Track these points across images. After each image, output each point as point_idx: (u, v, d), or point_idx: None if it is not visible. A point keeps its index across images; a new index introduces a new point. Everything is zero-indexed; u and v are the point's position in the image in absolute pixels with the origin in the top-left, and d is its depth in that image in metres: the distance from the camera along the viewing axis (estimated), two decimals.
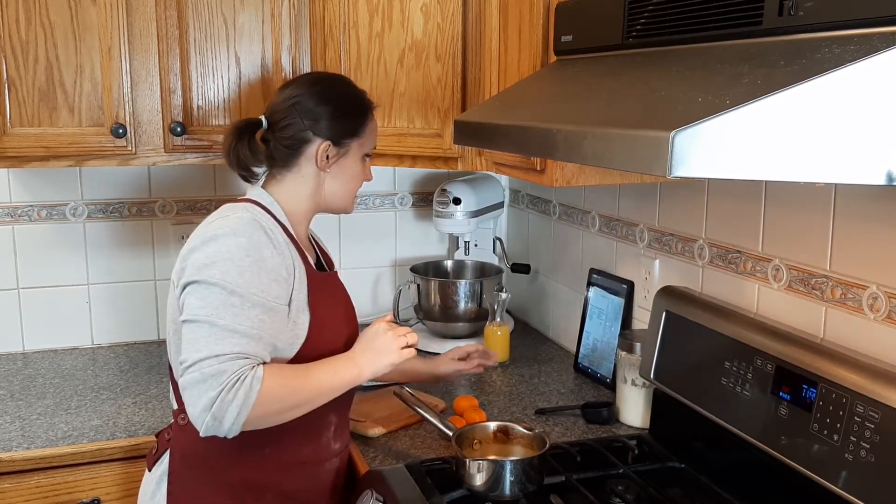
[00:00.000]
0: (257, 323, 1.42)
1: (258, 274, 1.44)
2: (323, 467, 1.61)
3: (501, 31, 1.91)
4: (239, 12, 2.13)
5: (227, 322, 1.40)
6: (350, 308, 1.71)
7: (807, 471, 1.34)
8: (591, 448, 1.75)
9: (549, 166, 1.70)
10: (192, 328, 1.41)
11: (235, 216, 1.49)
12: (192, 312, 1.42)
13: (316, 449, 1.59)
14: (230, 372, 1.37)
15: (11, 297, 2.40)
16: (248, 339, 1.41)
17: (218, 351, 1.38)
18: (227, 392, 1.36)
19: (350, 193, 1.66)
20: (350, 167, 1.63)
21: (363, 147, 1.64)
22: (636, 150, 0.98)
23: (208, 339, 1.39)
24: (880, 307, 1.38)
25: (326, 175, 1.61)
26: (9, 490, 1.79)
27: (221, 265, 1.42)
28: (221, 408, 1.36)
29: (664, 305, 1.76)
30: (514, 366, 2.32)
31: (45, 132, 2.02)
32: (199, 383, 1.37)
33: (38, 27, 1.97)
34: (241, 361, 1.39)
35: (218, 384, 1.36)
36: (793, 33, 1.05)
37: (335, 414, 1.61)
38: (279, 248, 1.49)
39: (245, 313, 1.41)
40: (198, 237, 1.48)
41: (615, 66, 1.36)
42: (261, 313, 1.43)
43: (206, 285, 1.41)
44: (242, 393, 1.36)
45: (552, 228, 2.55)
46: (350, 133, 1.60)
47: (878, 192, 1.36)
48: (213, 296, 1.41)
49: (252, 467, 1.52)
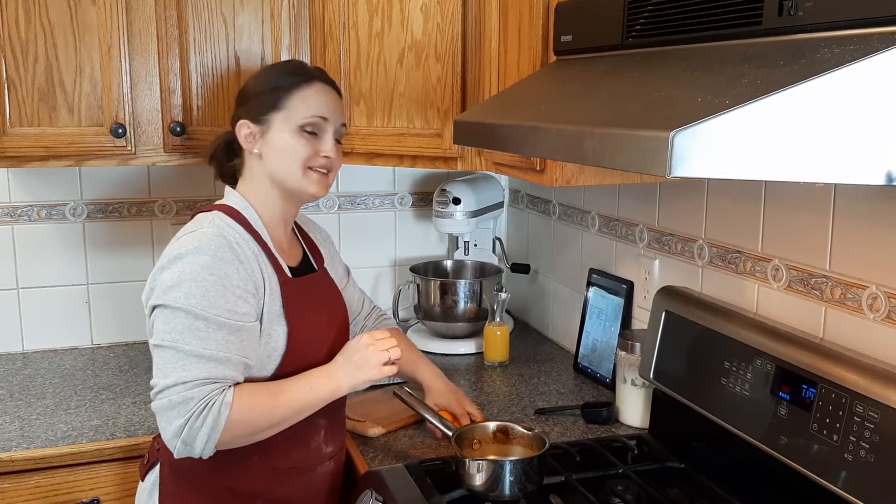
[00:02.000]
0: (224, 345, 1.41)
1: (222, 293, 1.42)
2: (315, 472, 1.60)
3: (501, 31, 1.91)
4: (239, 12, 2.13)
5: (193, 347, 1.39)
6: (336, 309, 1.68)
7: (806, 471, 1.34)
8: (591, 448, 1.75)
9: (548, 166, 1.70)
10: (160, 353, 1.42)
11: (201, 231, 1.47)
12: (159, 337, 1.42)
13: (305, 454, 1.57)
14: (197, 399, 1.38)
15: (11, 296, 2.40)
16: (216, 363, 1.40)
17: (185, 377, 1.38)
18: (195, 419, 1.37)
19: (292, 169, 1.54)
20: (277, 142, 1.54)
21: (290, 120, 1.54)
22: (636, 150, 0.98)
23: (175, 365, 1.39)
24: (880, 307, 1.38)
25: (260, 156, 1.55)
26: (8, 490, 1.78)
27: (185, 286, 1.41)
28: (191, 434, 1.38)
29: (664, 305, 1.76)
30: (514, 366, 2.32)
31: (44, 132, 2.02)
32: (168, 410, 1.39)
33: (37, 27, 1.97)
34: (209, 387, 1.39)
35: (186, 411, 1.37)
36: (792, 33, 1.05)
37: (325, 418, 1.58)
38: (246, 263, 1.46)
39: (211, 336, 1.41)
40: (166, 255, 1.47)
41: (615, 66, 1.36)
42: (227, 334, 1.42)
43: (172, 309, 1.41)
44: (210, 419, 1.38)
45: (552, 228, 2.55)
46: (268, 107, 1.54)
47: (878, 192, 1.36)
48: (178, 320, 1.40)
49: (241, 476, 1.51)
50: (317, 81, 1.58)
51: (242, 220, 1.53)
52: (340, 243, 2.68)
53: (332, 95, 1.60)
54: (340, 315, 1.69)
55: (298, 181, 1.55)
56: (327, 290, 1.69)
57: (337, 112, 1.59)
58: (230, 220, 1.51)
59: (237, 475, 1.51)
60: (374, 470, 1.66)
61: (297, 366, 1.51)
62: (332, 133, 1.58)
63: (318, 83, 1.58)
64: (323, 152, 1.56)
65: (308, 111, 1.54)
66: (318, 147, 1.56)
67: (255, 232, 1.53)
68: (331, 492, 1.65)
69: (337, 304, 1.70)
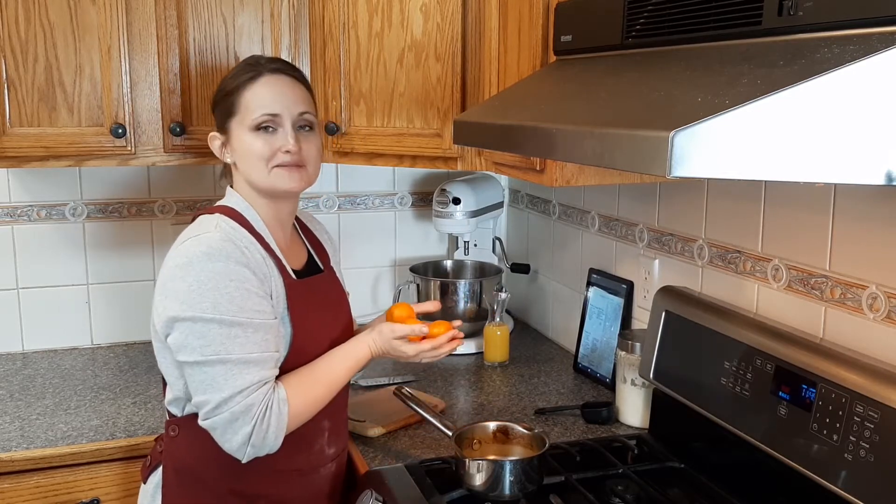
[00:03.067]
0: (263, 345, 1.43)
1: (246, 296, 1.42)
2: (318, 473, 1.60)
3: (501, 31, 1.91)
4: (238, 12, 2.13)
5: (239, 355, 1.40)
6: (340, 309, 1.67)
7: (806, 471, 1.34)
8: (591, 448, 1.75)
9: (548, 166, 1.70)
10: (204, 369, 1.40)
11: (207, 236, 1.45)
12: (199, 354, 1.40)
13: (309, 456, 1.57)
14: (257, 403, 1.40)
15: (11, 297, 2.40)
16: (262, 365, 1.42)
17: (240, 386, 1.39)
18: (261, 423, 1.40)
19: (258, 170, 1.51)
20: (238, 147, 1.52)
21: (244, 122, 1.50)
22: (636, 150, 0.98)
23: (226, 376, 1.39)
24: (880, 307, 1.38)
25: (234, 165, 1.55)
26: (8, 490, 1.78)
27: (210, 296, 1.39)
28: (259, 437, 1.40)
29: (664, 305, 1.76)
30: (514, 366, 2.32)
31: (44, 132, 2.02)
32: (232, 422, 1.40)
33: (37, 27, 1.97)
34: (263, 388, 1.42)
35: (250, 418, 1.39)
36: (792, 33, 1.05)
37: (329, 419, 1.58)
38: (255, 266, 1.46)
39: (250, 340, 1.41)
40: (174, 262, 1.44)
41: (615, 66, 1.36)
42: (264, 334, 1.44)
43: (203, 322, 1.39)
44: (275, 419, 1.41)
45: (552, 228, 2.55)
46: (226, 114, 1.53)
47: (878, 192, 1.36)
48: (213, 332, 1.39)
49: (244, 477, 1.51)
50: (264, 74, 1.51)
51: (244, 221, 1.52)
52: (340, 243, 2.68)
53: (283, 84, 1.52)
54: (345, 316, 1.69)
55: (267, 180, 1.51)
56: (332, 290, 1.68)
57: (290, 101, 1.51)
58: (234, 223, 1.50)
59: (241, 477, 1.50)
60: (374, 470, 1.66)
61: (297, 365, 1.51)
62: (289, 125, 1.51)
63: (265, 76, 1.51)
64: (283, 147, 1.50)
65: (257, 110, 1.49)
66: (275, 143, 1.50)
67: (258, 234, 1.52)
68: (333, 492, 1.65)
69: (342, 305, 1.69)
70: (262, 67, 1.53)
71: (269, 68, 1.53)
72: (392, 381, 2.16)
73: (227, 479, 1.50)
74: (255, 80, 1.51)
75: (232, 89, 1.52)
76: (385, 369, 2.25)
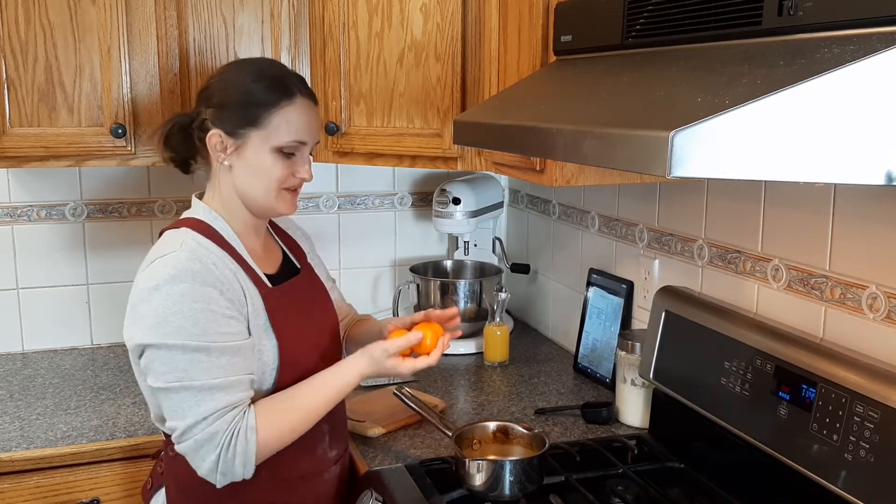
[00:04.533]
0: (230, 369, 1.39)
1: (213, 319, 1.38)
2: (322, 478, 1.59)
3: (501, 31, 1.91)
4: (238, 12, 2.13)
5: (202, 381, 1.37)
6: (325, 311, 1.64)
7: (806, 471, 1.34)
8: (591, 448, 1.75)
9: (548, 166, 1.70)
10: (169, 396, 1.38)
11: (173, 256, 1.40)
12: (163, 380, 1.37)
13: (312, 461, 1.56)
14: (222, 431, 1.37)
15: (11, 297, 2.40)
16: (228, 390, 1.38)
17: (204, 413, 1.36)
18: (226, 451, 1.37)
19: (264, 190, 1.50)
20: (252, 160, 1.48)
21: (268, 140, 1.47)
22: (636, 150, 0.98)
23: (190, 403, 1.37)
24: (880, 307, 1.38)
25: (230, 168, 1.50)
26: (8, 490, 1.78)
27: (174, 321, 1.36)
28: (226, 465, 1.38)
29: (664, 305, 1.76)
30: (514, 366, 2.32)
31: (44, 132, 2.02)
32: (197, 450, 1.38)
33: (37, 27, 1.97)
34: (230, 415, 1.38)
35: (215, 446, 1.37)
36: (792, 33, 1.05)
37: (328, 423, 1.56)
38: (226, 284, 1.42)
39: (215, 364, 1.37)
40: (141, 286, 1.40)
41: (615, 66, 1.36)
42: (231, 358, 1.39)
43: (167, 349, 1.36)
44: (241, 447, 1.38)
45: (552, 228, 2.55)
46: (246, 122, 1.47)
47: (878, 192, 1.36)
48: (177, 358, 1.36)
49: (250, 490, 1.48)
50: (298, 97, 1.50)
51: (213, 234, 1.48)
52: (340, 243, 2.68)
53: (312, 112, 1.53)
54: (330, 317, 1.66)
55: (271, 201, 1.51)
56: (313, 290, 1.65)
57: (315, 130, 1.54)
58: (201, 237, 1.46)
59: (248, 490, 1.48)
60: (374, 470, 1.66)
61: (294, 377, 1.48)
62: (308, 152, 1.53)
63: (300, 99, 1.50)
64: (300, 174, 1.51)
65: (289, 135, 1.48)
66: (294, 168, 1.51)
67: (229, 245, 1.48)
68: (337, 495, 1.64)
69: (325, 305, 1.66)
70: (295, 89, 1.50)
71: (301, 92, 1.52)
72: (392, 381, 2.16)
73: (235, 492, 1.47)
74: (291, 102, 1.49)
75: (265, 102, 1.47)
76: None
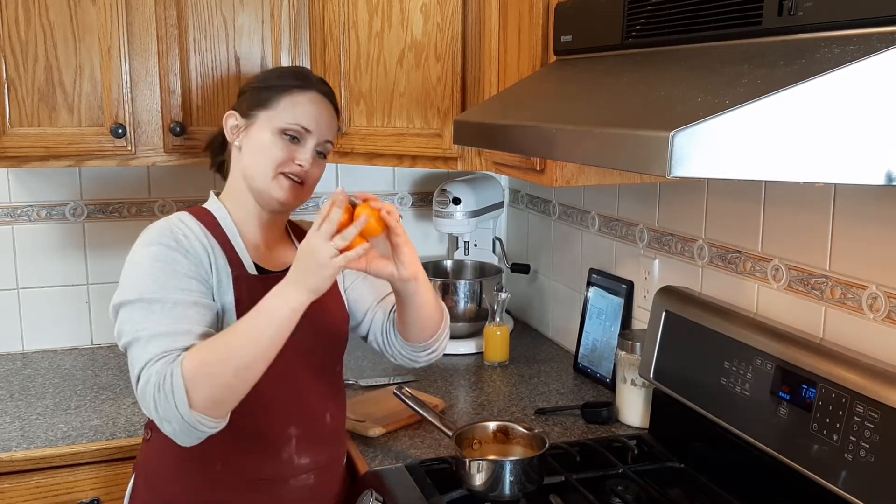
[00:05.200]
0: (181, 318, 1.37)
1: (172, 276, 1.39)
2: (288, 484, 1.52)
3: (501, 31, 1.91)
4: (239, 12, 2.13)
5: (150, 330, 1.35)
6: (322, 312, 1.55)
7: (806, 471, 1.34)
8: (591, 448, 1.75)
9: (548, 166, 1.70)
10: (129, 352, 1.37)
11: (153, 226, 1.46)
12: (125, 338, 1.38)
13: (277, 465, 1.51)
14: (155, 373, 1.31)
15: (11, 297, 2.40)
16: (173, 337, 1.34)
17: (145, 359, 1.33)
18: (158, 393, 1.29)
19: (261, 168, 1.51)
20: (255, 138, 1.52)
21: (274, 120, 1.51)
22: (636, 150, 0.98)
23: (140, 354, 1.35)
24: (880, 307, 1.38)
25: (239, 149, 1.54)
26: (8, 490, 1.78)
27: (137, 280, 1.39)
28: (164, 409, 1.29)
29: (664, 305, 1.76)
30: (514, 366, 2.32)
31: (44, 132, 2.02)
32: (143, 399, 1.33)
33: (37, 27, 1.97)
34: (167, 358, 1.32)
35: (152, 388, 1.30)
36: (792, 33, 1.05)
37: (297, 428, 1.52)
38: (192, 253, 1.43)
39: (166, 313, 1.36)
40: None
41: (615, 66, 1.36)
42: (184, 309, 1.38)
43: (129, 305, 1.38)
44: (168, 387, 1.28)
45: (552, 228, 2.55)
46: (258, 103, 1.52)
47: (878, 192, 1.36)
48: (136, 312, 1.37)
49: (215, 486, 1.47)
50: (312, 91, 1.54)
51: (206, 217, 1.51)
52: None
53: (324, 108, 1.55)
54: (328, 319, 1.60)
55: (267, 183, 1.51)
56: None
57: (324, 126, 1.54)
58: (187, 216, 1.49)
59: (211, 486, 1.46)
60: (374, 470, 1.66)
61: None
62: (313, 145, 1.53)
63: (313, 92, 1.54)
64: (298, 160, 1.51)
65: (293, 118, 1.51)
66: (294, 153, 1.51)
67: (219, 229, 1.50)
68: None
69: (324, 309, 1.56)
70: (312, 84, 1.55)
71: (319, 88, 1.56)
72: (392, 381, 2.16)
73: (198, 488, 1.47)
74: (304, 91, 1.53)
75: (276, 86, 1.53)
76: (385, 370, 2.25)
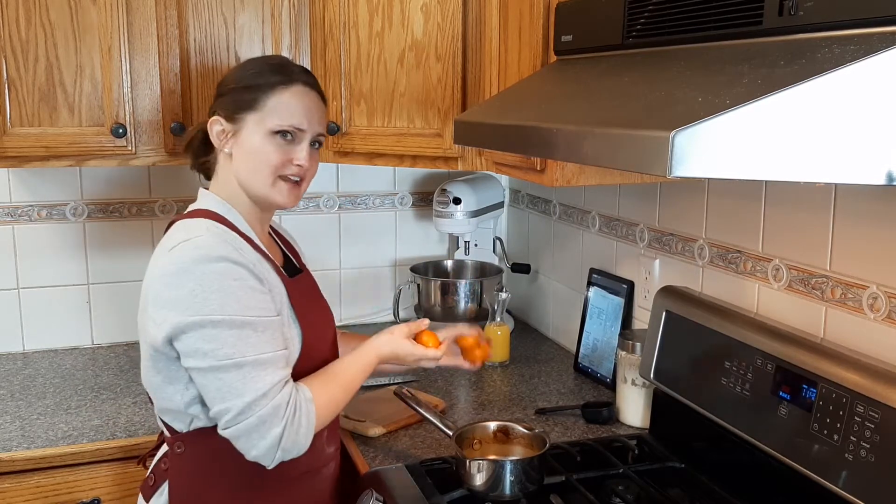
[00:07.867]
0: (273, 343, 1.39)
1: (251, 294, 1.38)
2: (321, 474, 1.58)
3: (501, 30, 1.91)
4: (239, 12, 2.13)
5: (253, 356, 1.35)
6: (326, 307, 1.66)
7: (807, 471, 1.34)
8: (591, 448, 1.75)
9: (549, 166, 1.70)
10: (219, 375, 1.35)
11: (200, 239, 1.39)
12: (213, 358, 1.34)
13: (313, 457, 1.53)
14: (284, 404, 1.36)
15: (11, 297, 2.40)
16: (276, 364, 1.39)
17: (262, 389, 1.35)
18: (291, 423, 1.37)
19: (256, 174, 1.47)
20: (247, 144, 1.46)
21: (264, 122, 1.45)
22: (636, 150, 0.98)
23: (244, 380, 1.35)
24: (880, 307, 1.38)
25: (230, 156, 1.49)
26: (9, 490, 1.79)
27: (216, 298, 1.34)
28: (290, 439, 1.37)
29: (664, 305, 1.76)
30: (514, 366, 2.32)
31: (45, 132, 2.02)
32: (259, 426, 1.35)
33: (38, 27, 1.97)
34: (287, 388, 1.38)
35: (279, 420, 1.36)
36: (793, 33, 1.05)
37: None
38: (252, 265, 1.41)
39: (261, 339, 1.37)
40: (164, 272, 1.38)
41: (615, 65, 1.36)
42: (273, 333, 1.40)
43: (212, 326, 1.34)
44: (304, 418, 1.39)
45: (552, 228, 2.55)
46: (243, 106, 1.46)
47: (878, 192, 1.36)
48: (223, 335, 1.34)
49: (255, 490, 1.48)
50: (298, 84, 1.49)
51: (228, 224, 1.48)
52: (341, 243, 2.68)
53: (312, 100, 1.51)
54: (331, 314, 1.68)
55: (267, 189, 1.48)
56: (315, 289, 1.66)
57: (315, 119, 1.50)
58: (221, 225, 1.45)
59: (252, 490, 1.47)
60: (374, 470, 1.66)
61: (307, 367, 1.49)
62: (307, 142, 1.49)
63: (298, 86, 1.49)
64: (296, 160, 1.48)
65: (284, 118, 1.46)
66: (291, 154, 1.48)
67: (245, 236, 1.48)
68: (334, 493, 1.64)
69: (325, 303, 1.67)
70: (294, 76, 1.50)
71: (302, 79, 1.50)
72: (392, 381, 2.16)
73: (239, 494, 1.47)
74: (288, 86, 1.48)
75: (257, 85, 1.47)
76: None
